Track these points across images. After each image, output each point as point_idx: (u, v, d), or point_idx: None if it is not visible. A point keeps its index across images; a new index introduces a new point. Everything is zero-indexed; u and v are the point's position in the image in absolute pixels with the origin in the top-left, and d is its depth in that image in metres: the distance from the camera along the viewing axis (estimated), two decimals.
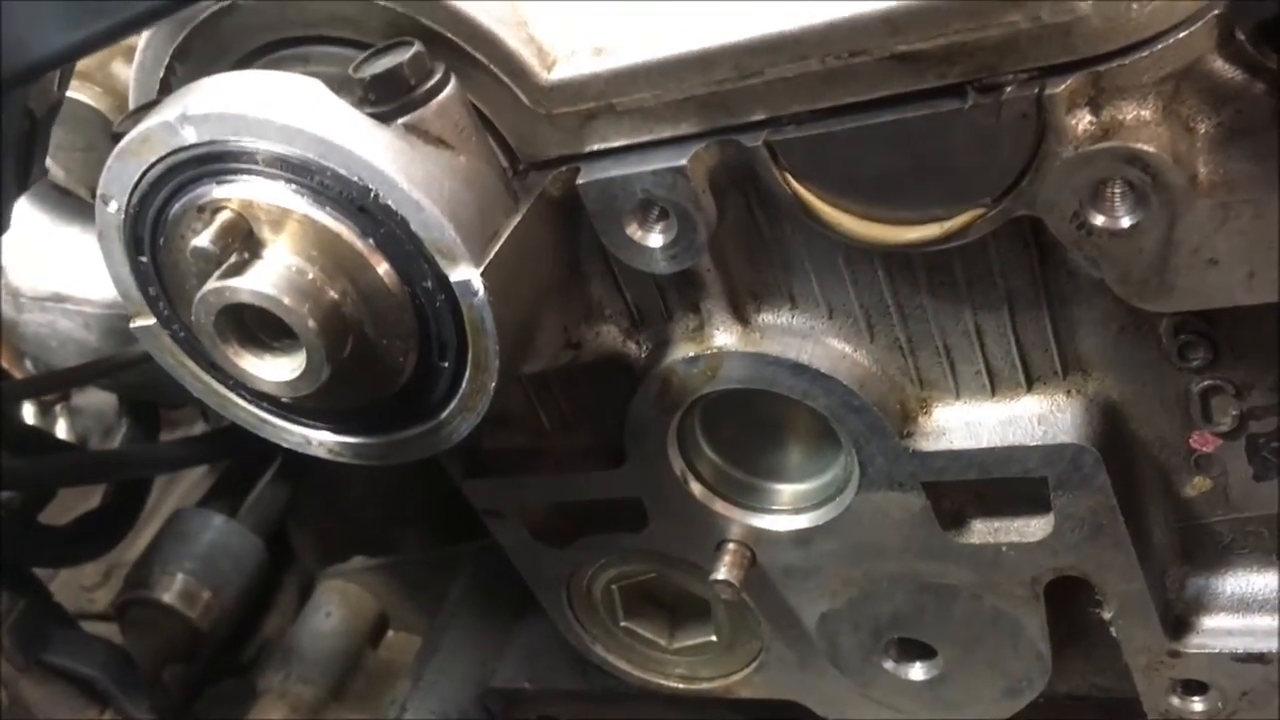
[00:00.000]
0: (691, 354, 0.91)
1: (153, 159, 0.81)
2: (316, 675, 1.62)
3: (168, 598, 1.60)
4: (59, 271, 1.50)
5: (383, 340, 0.82)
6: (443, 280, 0.79)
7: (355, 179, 0.77)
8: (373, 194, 0.77)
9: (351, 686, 1.65)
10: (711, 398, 0.94)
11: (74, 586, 2.04)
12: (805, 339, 0.90)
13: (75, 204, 1.44)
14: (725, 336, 0.91)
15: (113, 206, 0.85)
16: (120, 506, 1.65)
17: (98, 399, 2.08)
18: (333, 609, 1.68)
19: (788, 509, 0.99)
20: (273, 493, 1.81)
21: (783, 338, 0.90)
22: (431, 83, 0.78)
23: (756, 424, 0.98)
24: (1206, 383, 0.86)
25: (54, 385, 1.61)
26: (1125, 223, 0.73)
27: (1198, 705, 0.98)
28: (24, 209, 1.42)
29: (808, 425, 0.96)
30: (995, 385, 0.89)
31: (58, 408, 1.90)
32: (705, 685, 1.16)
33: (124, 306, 0.90)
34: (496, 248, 0.80)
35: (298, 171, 0.78)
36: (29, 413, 1.86)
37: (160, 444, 1.70)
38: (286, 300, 0.77)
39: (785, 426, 0.98)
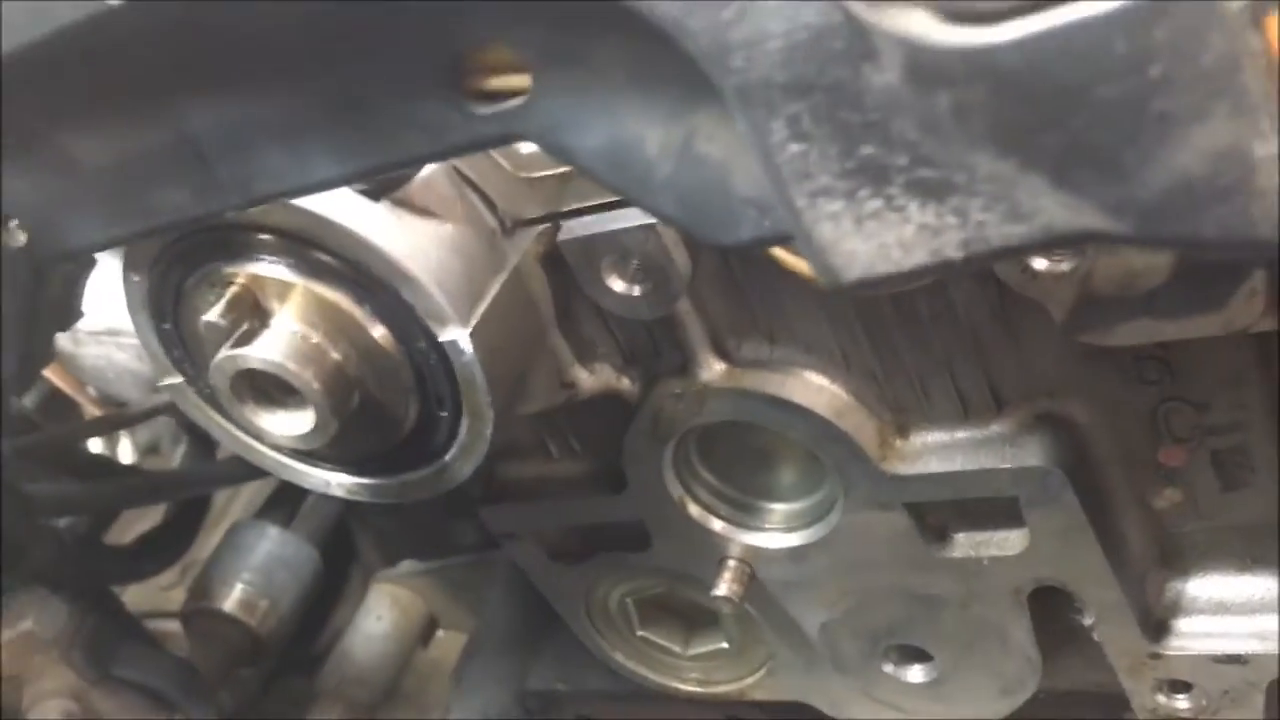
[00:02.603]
0: (678, 390, 0.97)
1: (169, 238, 0.88)
2: (370, 677, 1.72)
3: (228, 607, 1.69)
4: (112, 306, 1.59)
5: (385, 394, 0.89)
6: (435, 341, 0.86)
7: (347, 253, 0.84)
8: (364, 267, 0.84)
9: (403, 686, 1.74)
10: (703, 426, 1.00)
11: (152, 586, 2.15)
12: (784, 373, 0.95)
13: None
14: (709, 373, 0.96)
15: (136, 279, 0.92)
16: (181, 522, 1.74)
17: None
18: (384, 612, 1.77)
19: (781, 527, 1.05)
20: (324, 503, 1.89)
21: (763, 373, 0.95)
22: None
23: (748, 448, 1.03)
24: (1167, 401, 0.89)
25: (111, 428, 1.70)
26: (1065, 266, 0.77)
27: (1182, 703, 1.02)
28: None
29: (796, 449, 1.01)
30: (967, 410, 0.94)
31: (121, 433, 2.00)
32: (720, 689, 1.22)
33: None
34: (483, 308, 0.86)
35: (297, 247, 0.85)
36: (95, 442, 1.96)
37: (216, 462, 1.79)
38: (292, 365, 0.84)
39: (775, 450, 1.03)
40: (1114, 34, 0.45)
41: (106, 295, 1.62)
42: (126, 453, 1.96)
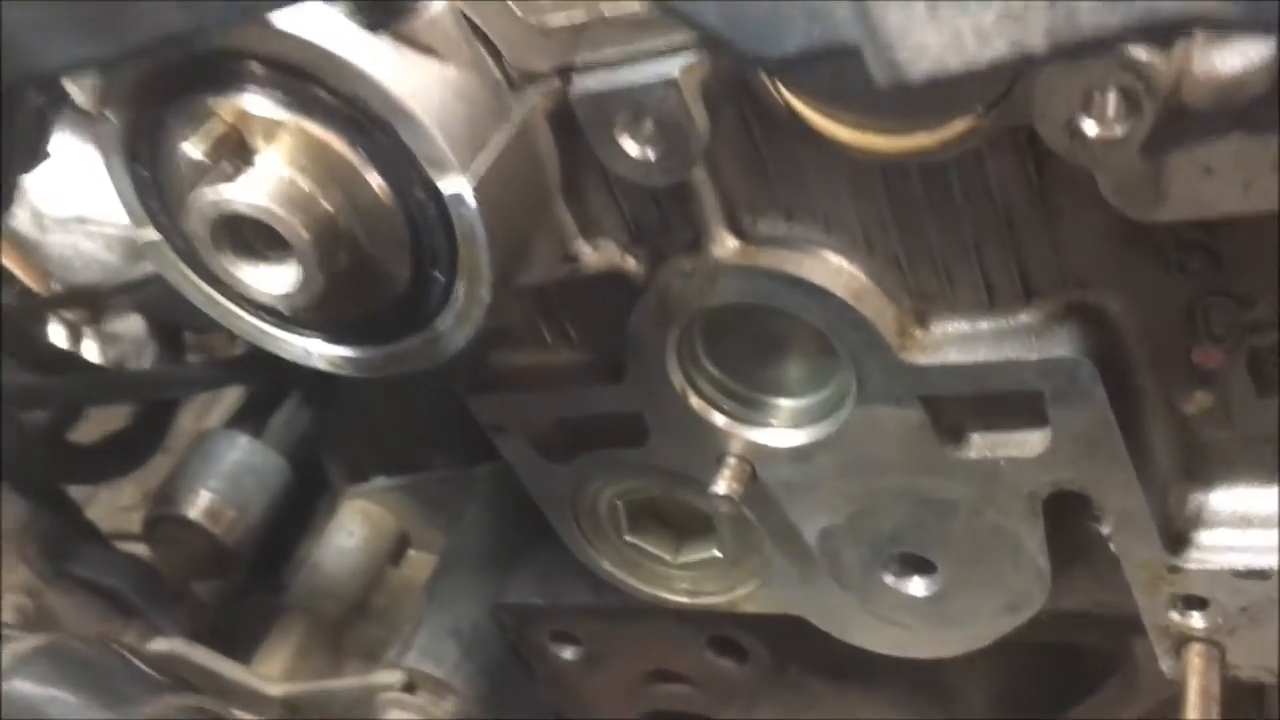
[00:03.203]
0: (688, 268, 0.91)
1: (149, 66, 0.81)
2: (338, 591, 1.66)
3: (193, 514, 1.62)
4: (80, 193, 1.52)
5: (377, 250, 0.83)
6: (433, 191, 0.79)
7: (344, 88, 0.77)
8: (361, 103, 0.77)
9: (374, 603, 1.68)
10: (710, 311, 0.94)
11: (112, 507, 2.08)
12: (802, 252, 0.89)
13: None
14: (722, 249, 0.91)
15: (111, 116, 0.85)
16: (147, 427, 1.67)
17: (134, 324, 2.12)
18: (354, 528, 1.71)
19: (787, 424, 1.00)
20: (298, 414, 1.82)
21: (779, 251, 0.90)
22: None
23: (756, 338, 0.98)
24: (1208, 295, 0.85)
25: (79, 301, 1.63)
26: (1119, 130, 0.71)
27: (1197, 620, 0.98)
28: None
29: (807, 339, 0.96)
30: (993, 298, 0.88)
31: (87, 330, 1.92)
32: (710, 600, 1.17)
33: None
34: (487, 159, 0.80)
35: (288, 80, 0.78)
36: (59, 336, 1.89)
37: (185, 365, 1.73)
38: (279, 210, 0.77)
39: (785, 341, 0.98)
40: None
41: (76, 180, 1.56)
42: (92, 356, 1.89)
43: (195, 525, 1.63)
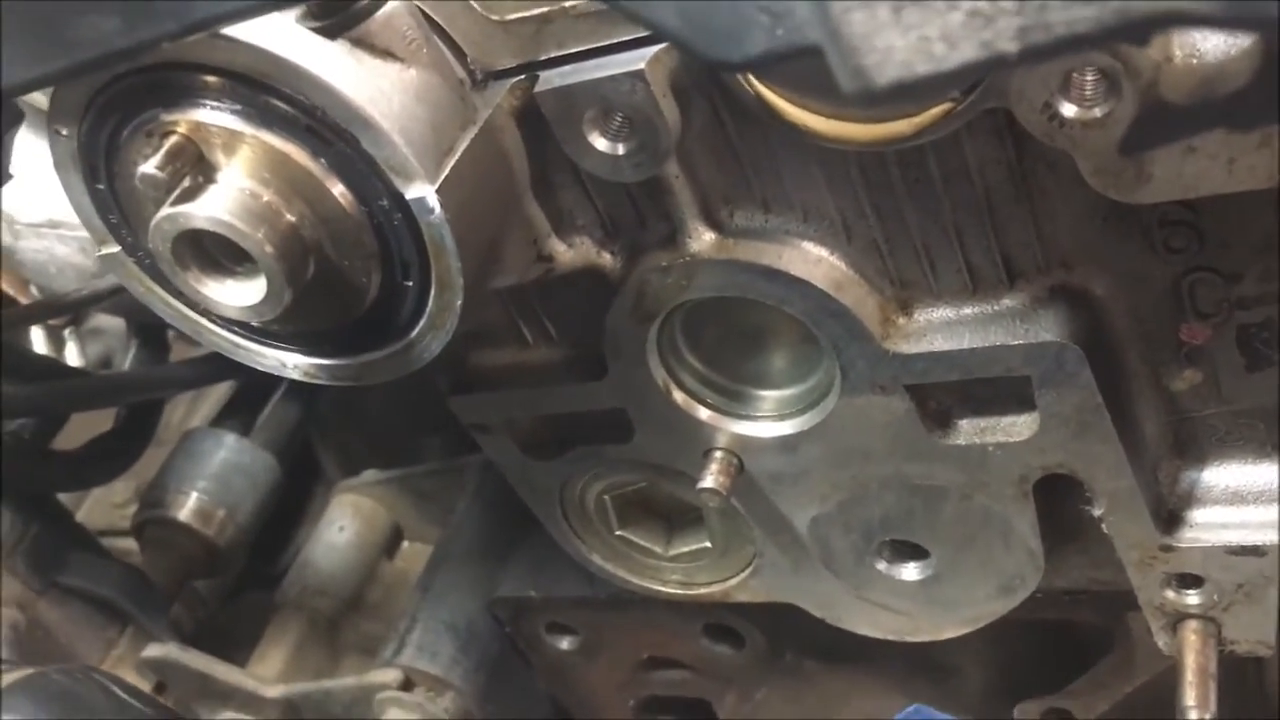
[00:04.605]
0: (665, 263, 0.89)
1: (98, 83, 0.79)
2: (333, 587, 1.65)
3: (183, 516, 1.62)
4: (52, 198, 1.49)
5: (345, 261, 0.81)
6: (399, 198, 0.77)
7: (301, 97, 0.75)
8: (320, 112, 0.75)
9: (368, 597, 1.68)
10: (691, 305, 0.93)
11: (105, 504, 2.07)
12: (780, 244, 0.88)
13: None
14: (698, 243, 0.89)
15: (64, 132, 0.83)
16: (132, 429, 1.66)
17: (116, 321, 2.09)
18: (346, 523, 1.70)
19: (773, 415, 0.98)
20: (284, 409, 1.81)
21: (757, 243, 0.88)
22: None
23: (739, 329, 0.96)
24: (1193, 272, 0.83)
25: (51, 313, 1.60)
26: (1098, 112, 0.69)
27: (1193, 598, 0.97)
28: (16, 137, 1.42)
29: (790, 330, 0.94)
30: (976, 284, 0.87)
31: (66, 332, 1.90)
32: (702, 590, 1.16)
33: None
34: (452, 163, 0.78)
35: (244, 91, 0.76)
36: (39, 339, 1.87)
37: (167, 365, 1.70)
38: (241, 225, 0.76)
39: (767, 331, 0.96)
40: None
41: (47, 184, 1.53)
42: (74, 359, 1.87)
43: (185, 527, 1.62)
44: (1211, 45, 0.60)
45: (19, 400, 1.51)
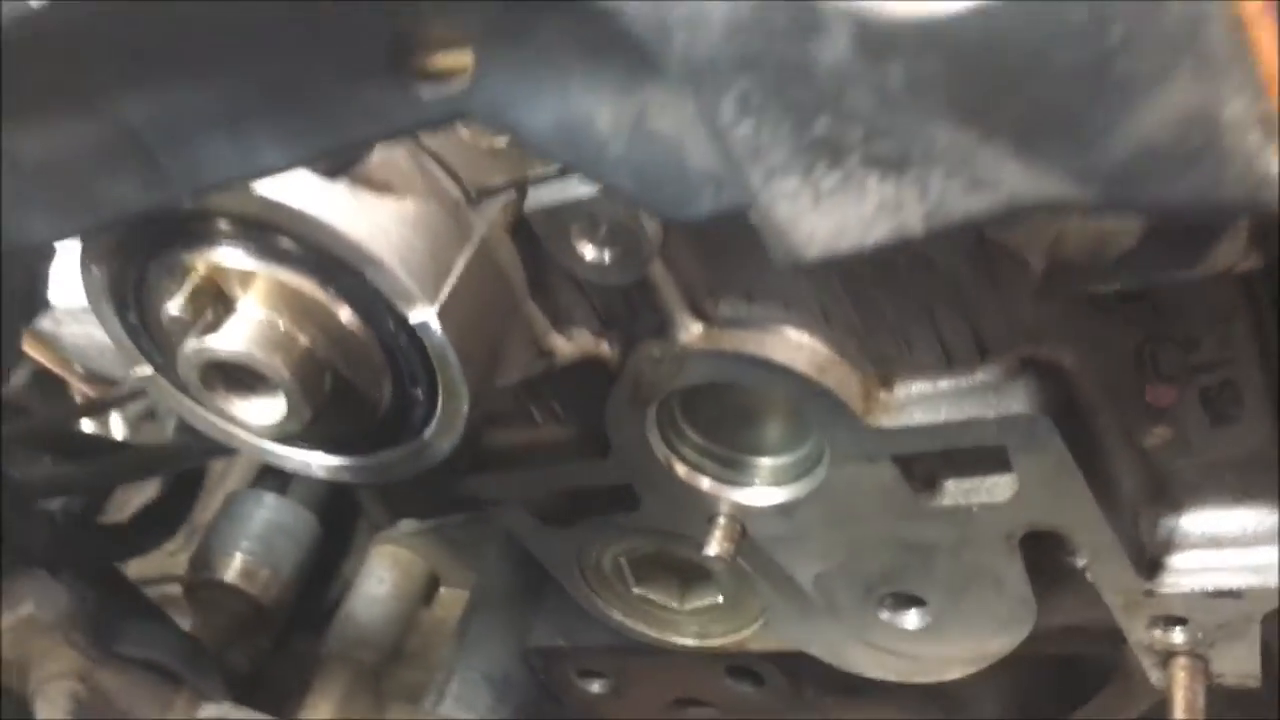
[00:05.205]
0: (657, 353, 0.95)
1: (122, 231, 0.86)
2: (375, 638, 1.72)
3: (229, 578, 1.70)
4: None
5: (358, 377, 0.87)
6: (403, 321, 0.84)
7: (308, 237, 0.82)
8: (326, 250, 0.82)
9: (408, 646, 1.75)
10: (684, 389, 0.98)
11: (160, 551, 2.16)
12: (764, 331, 0.93)
13: None
14: (687, 334, 0.94)
15: (95, 270, 0.90)
16: (178, 493, 1.74)
17: None
18: (384, 574, 1.78)
19: (770, 482, 1.04)
20: None
21: (741, 332, 0.93)
22: None
23: (732, 405, 1.02)
24: (1153, 340, 0.88)
25: (98, 410, 1.69)
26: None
27: (1178, 637, 1.02)
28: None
29: (781, 403, 1.00)
30: (951, 359, 0.92)
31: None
32: (718, 642, 1.22)
33: None
34: (450, 285, 0.84)
35: (256, 233, 0.83)
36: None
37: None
38: (260, 353, 0.82)
39: (760, 405, 1.02)
40: None
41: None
42: (118, 426, 1.95)
43: (232, 588, 1.70)
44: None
45: (68, 478, 1.60)
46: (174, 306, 0.82)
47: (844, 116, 0.49)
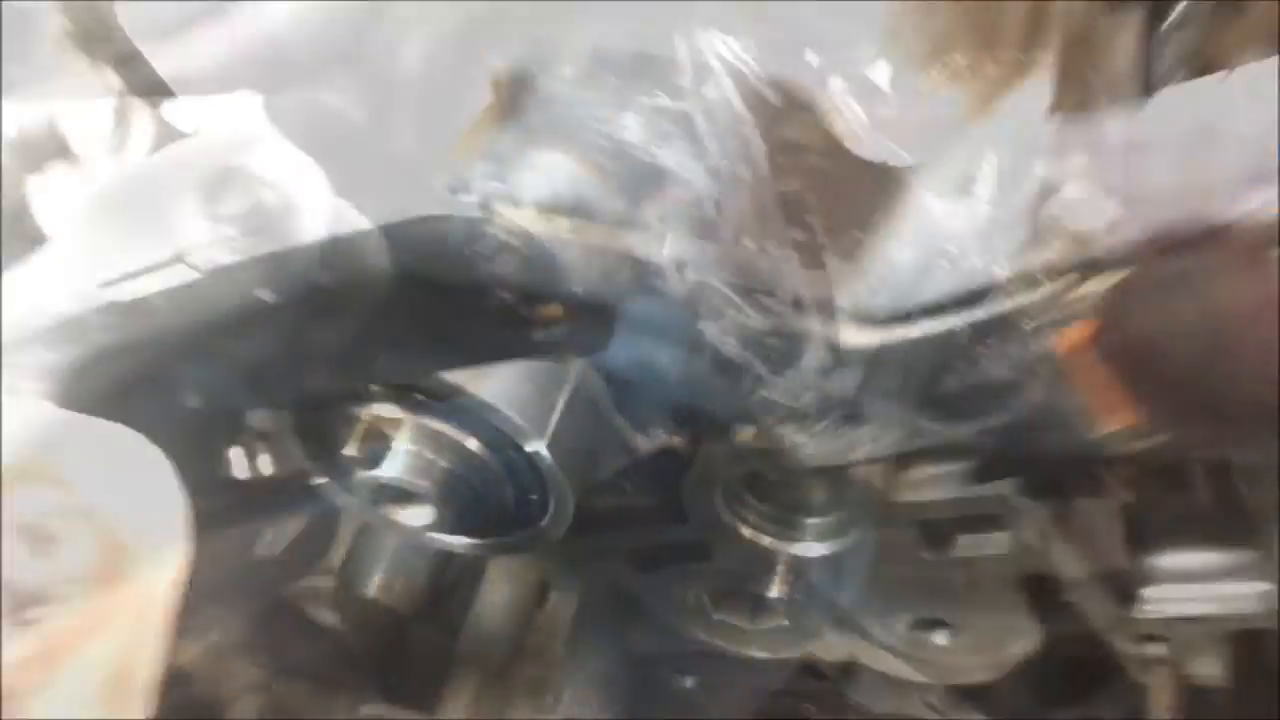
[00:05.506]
0: (721, 447, 1.20)
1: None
2: (498, 639, 2.00)
3: (371, 592, 1.99)
4: None
5: (486, 489, 1.13)
6: (520, 449, 1.09)
7: (442, 393, 1.07)
8: (457, 401, 1.07)
9: (529, 644, 2.03)
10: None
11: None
12: None
13: None
14: (744, 434, 1.19)
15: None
16: (322, 524, 2.03)
17: None
18: (501, 583, 2.05)
19: (817, 538, 1.28)
20: None
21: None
22: None
23: (787, 477, 1.26)
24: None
25: None
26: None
27: (1159, 649, 1.24)
28: None
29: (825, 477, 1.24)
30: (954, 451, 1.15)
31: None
32: (786, 653, 1.47)
33: None
34: (555, 420, 1.09)
35: (403, 393, 1.09)
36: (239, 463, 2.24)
37: None
38: (410, 478, 1.09)
39: (810, 477, 1.26)
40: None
41: None
42: (268, 468, 2.24)
43: (374, 602, 1.99)
44: None
45: (219, 516, 1.89)
46: (350, 448, 1.09)
47: (825, 394, 0.73)
